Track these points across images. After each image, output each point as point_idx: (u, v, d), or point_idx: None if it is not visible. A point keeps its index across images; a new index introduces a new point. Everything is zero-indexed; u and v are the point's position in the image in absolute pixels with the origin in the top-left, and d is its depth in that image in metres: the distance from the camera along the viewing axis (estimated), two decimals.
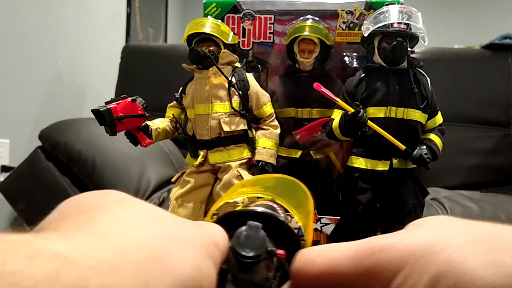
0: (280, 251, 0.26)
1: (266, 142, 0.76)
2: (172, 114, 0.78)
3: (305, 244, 0.29)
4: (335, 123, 0.73)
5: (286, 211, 0.32)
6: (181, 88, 0.79)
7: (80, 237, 0.18)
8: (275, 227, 0.27)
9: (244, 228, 0.25)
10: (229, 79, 0.74)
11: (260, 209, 0.28)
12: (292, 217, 0.31)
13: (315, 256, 0.25)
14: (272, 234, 0.26)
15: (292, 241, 0.28)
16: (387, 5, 0.75)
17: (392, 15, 0.73)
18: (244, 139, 0.76)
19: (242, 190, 0.34)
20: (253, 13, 0.82)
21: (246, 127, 0.76)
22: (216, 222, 0.28)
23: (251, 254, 0.24)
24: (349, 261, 0.24)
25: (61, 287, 0.15)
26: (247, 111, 0.76)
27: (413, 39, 0.74)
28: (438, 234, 0.22)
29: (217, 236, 0.25)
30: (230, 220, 0.28)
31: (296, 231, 0.28)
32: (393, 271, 0.22)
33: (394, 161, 0.73)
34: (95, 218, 0.20)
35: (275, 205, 0.32)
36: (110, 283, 0.16)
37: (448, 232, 0.22)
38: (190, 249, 0.21)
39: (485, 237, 0.21)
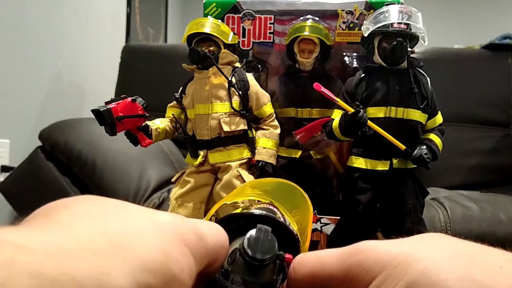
0: (288, 255, 0.26)
1: (266, 142, 0.76)
2: (172, 114, 0.78)
3: (302, 249, 0.29)
4: (335, 123, 0.73)
5: (282, 215, 0.32)
6: (181, 88, 0.79)
7: (38, 229, 0.19)
8: (276, 230, 0.27)
9: (254, 231, 0.26)
10: (229, 79, 0.74)
11: (258, 212, 0.28)
12: (287, 220, 0.31)
13: (309, 257, 0.27)
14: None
15: (291, 244, 0.28)
16: (387, 5, 0.75)
17: (392, 15, 0.73)
18: (244, 139, 0.76)
19: (242, 193, 0.34)
20: (253, 13, 0.82)
21: (246, 127, 0.76)
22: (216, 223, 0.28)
23: (262, 257, 0.25)
24: (335, 259, 0.25)
25: (16, 273, 0.15)
26: (247, 111, 0.76)
27: (413, 39, 0.74)
28: (421, 246, 0.23)
29: (205, 229, 0.25)
30: (230, 222, 0.28)
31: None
32: (372, 273, 0.23)
33: (394, 161, 0.73)
34: (55, 215, 0.20)
35: (274, 209, 0.32)
36: (66, 270, 0.16)
37: (431, 245, 0.24)
38: (156, 236, 0.21)
39: (463, 253, 0.22)
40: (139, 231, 0.21)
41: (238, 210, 0.29)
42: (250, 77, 0.78)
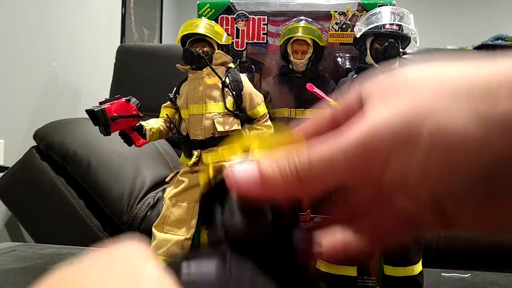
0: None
1: None
2: (166, 114, 0.78)
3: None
4: None
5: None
6: (175, 88, 0.79)
7: None
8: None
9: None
10: (223, 79, 0.75)
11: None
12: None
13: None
14: None
15: None
16: (379, 6, 0.76)
17: (384, 16, 0.73)
18: None
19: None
20: (247, 14, 0.83)
21: (239, 127, 0.76)
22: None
23: None
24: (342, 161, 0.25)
25: None
26: (240, 111, 0.76)
27: (405, 40, 0.75)
28: (416, 103, 0.22)
29: None
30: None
31: None
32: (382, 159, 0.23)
33: None
34: None
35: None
36: None
37: (424, 96, 0.22)
38: None
39: (458, 90, 0.22)
40: None
41: None
42: (243, 77, 0.78)
